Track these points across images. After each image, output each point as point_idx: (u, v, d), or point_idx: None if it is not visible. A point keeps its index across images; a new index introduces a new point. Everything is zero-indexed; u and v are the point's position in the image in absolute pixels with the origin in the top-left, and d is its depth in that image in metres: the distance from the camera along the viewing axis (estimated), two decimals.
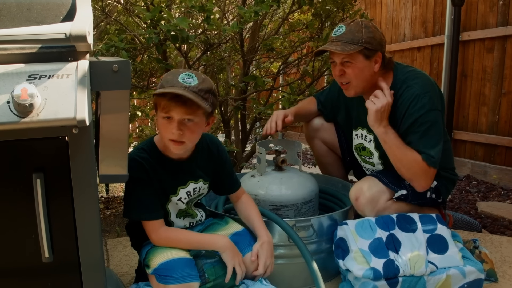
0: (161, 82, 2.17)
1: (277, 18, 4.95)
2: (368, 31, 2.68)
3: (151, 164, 2.26)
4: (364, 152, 3.07)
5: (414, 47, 6.45)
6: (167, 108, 2.10)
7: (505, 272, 2.82)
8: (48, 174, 1.55)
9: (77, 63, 1.48)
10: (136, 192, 2.24)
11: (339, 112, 3.27)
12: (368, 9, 7.37)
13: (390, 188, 2.77)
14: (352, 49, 2.64)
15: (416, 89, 2.71)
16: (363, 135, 3.04)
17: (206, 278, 2.31)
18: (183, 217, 2.48)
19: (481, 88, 5.39)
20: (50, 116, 1.38)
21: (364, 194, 2.76)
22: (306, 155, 7.36)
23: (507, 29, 4.96)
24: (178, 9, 4.33)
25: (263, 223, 2.47)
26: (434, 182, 2.86)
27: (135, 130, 5.69)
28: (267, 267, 2.35)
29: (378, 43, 2.71)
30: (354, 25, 2.71)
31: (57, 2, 1.61)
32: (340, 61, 2.73)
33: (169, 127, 2.13)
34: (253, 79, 3.89)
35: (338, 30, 2.74)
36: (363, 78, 2.75)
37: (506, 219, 3.94)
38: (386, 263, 2.40)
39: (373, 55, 2.71)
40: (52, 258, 1.61)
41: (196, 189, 2.44)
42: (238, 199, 2.58)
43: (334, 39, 2.72)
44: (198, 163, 2.41)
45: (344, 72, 2.75)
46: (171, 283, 2.15)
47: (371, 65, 2.73)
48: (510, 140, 5.01)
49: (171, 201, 2.37)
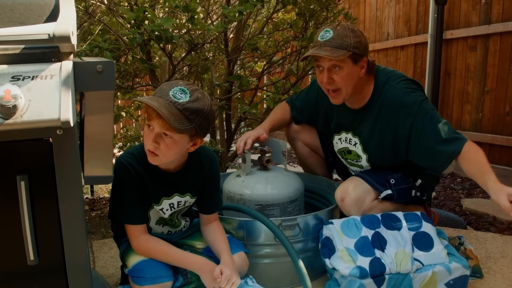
0: (156, 90, 2.13)
1: (261, 17, 4.94)
2: (355, 35, 2.61)
3: (137, 170, 2.23)
4: (350, 155, 3.05)
5: (398, 46, 6.48)
6: (149, 117, 2.06)
7: (490, 268, 2.84)
8: (33, 176, 1.54)
9: (61, 63, 1.48)
10: (121, 196, 2.23)
11: (317, 117, 3.19)
12: (352, 8, 7.40)
13: (376, 188, 2.77)
14: (342, 54, 2.56)
15: (398, 89, 2.71)
16: (347, 139, 3.01)
17: (189, 278, 2.31)
18: (163, 225, 2.47)
19: (465, 86, 5.42)
20: (34, 117, 1.38)
21: (349, 195, 2.76)
22: (291, 155, 7.36)
23: (489, 27, 5.00)
24: (162, 9, 4.31)
25: (228, 248, 2.38)
26: (419, 180, 2.88)
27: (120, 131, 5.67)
28: (231, 283, 2.24)
29: (364, 47, 2.65)
30: (342, 29, 2.62)
31: (40, 3, 1.60)
32: (327, 67, 2.64)
33: (149, 136, 2.09)
34: (237, 79, 3.88)
35: (325, 35, 2.64)
36: (352, 84, 2.69)
37: (490, 215, 3.97)
38: (372, 261, 2.40)
39: (360, 60, 2.65)
40: (37, 261, 1.61)
41: (181, 202, 2.42)
42: (209, 222, 2.50)
43: (322, 43, 2.62)
44: (187, 177, 2.37)
45: (333, 80, 2.67)
46: (144, 284, 2.16)
47: (358, 70, 2.67)
48: (494, 137, 5.05)
49: (153, 208, 2.36)
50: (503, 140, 4.96)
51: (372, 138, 2.83)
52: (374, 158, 2.90)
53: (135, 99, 2.28)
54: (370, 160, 2.93)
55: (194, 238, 2.57)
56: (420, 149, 2.67)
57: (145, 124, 2.13)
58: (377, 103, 2.76)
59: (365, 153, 2.93)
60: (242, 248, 2.48)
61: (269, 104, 3.92)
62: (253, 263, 2.57)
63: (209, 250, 2.44)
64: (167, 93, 2.03)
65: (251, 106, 4.16)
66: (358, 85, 2.74)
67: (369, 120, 2.82)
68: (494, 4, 4.98)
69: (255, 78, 4.68)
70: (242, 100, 4.91)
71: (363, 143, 2.90)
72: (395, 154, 2.80)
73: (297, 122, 3.35)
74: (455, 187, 4.97)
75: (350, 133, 2.97)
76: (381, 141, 2.80)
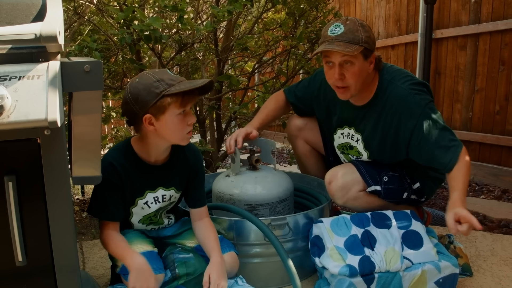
0: (139, 88, 2.13)
1: (251, 17, 4.94)
2: (365, 30, 2.58)
3: (122, 164, 2.26)
4: (351, 151, 3.02)
5: (388, 45, 6.48)
6: (184, 103, 2.14)
7: (479, 266, 2.85)
8: (21, 177, 1.53)
9: (48, 63, 1.47)
10: (102, 191, 2.26)
11: (318, 109, 3.15)
12: (342, 8, 7.40)
13: (365, 180, 2.78)
14: (356, 49, 2.52)
15: (403, 89, 2.68)
16: (349, 134, 2.98)
17: (176, 273, 2.31)
18: (147, 224, 2.49)
19: (455, 85, 5.44)
20: (21, 117, 1.37)
21: (337, 179, 2.78)
22: (281, 154, 7.37)
23: (479, 26, 5.01)
24: (151, 9, 4.31)
25: (219, 246, 2.39)
26: (417, 183, 2.87)
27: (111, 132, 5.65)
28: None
29: (373, 42, 2.62)
30: (352, 24, 2.58)
31: (27, 2, 1.59)
32: (339, 62, 2.59)
33: (185, 120, 2.18)
34: (227, 79, 3.88)
35: (336, 29, 2.58)
36: (361, 80, 2.66)
37: (480, 214, 3.98)
38: (362, 260, 2.41)
39: (370, 55, 2.62)
40: (26, 262, 1.60)
41: (166, 196, 2.43)
42: (200, 218, 2.51)
43: (334, 38, 2.56)
44: (172, 170, 2.40)
45: (344, 76, 2.62)
46: None
47: (367, 66, 2.64)
48: (484, 136, 5.06)
49: (137, 204, 2.37)
50: (493, 139, 4.97)
51: (374, 137, 2.82)
52: (375, 156, 2.89)
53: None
54: (371, 157, 2.92)
55: (185, 237, 2.58)
56: (420, 152, 2.66)
57: (173, 116, 2.17)
58: (381, 101, 2.75)
59: (366, 151, 2.92)
60: (232, 248, 2.49)
61: (259, 103, 3.92)
62: (243, 262, 2.57)
63: (201, 249, 2.45)
64: (163, 79, 2.12)
65: (241, 106, 4.16)
66: (367, 80, 2.72)
67: (371, 118, 2.80)
68: (484, 4, 4.99)
69: (245, 78, 4.69)
70: (232, 100, 4.91)
71: (364, 141, 2.89)
72: (396, 153, 2.79)
73: (296, 110, 3.32)
74: (445, 185, 4.97)
75: (352, 128, 2.95)
76: (382, 141, 2.79)
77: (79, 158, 1.72)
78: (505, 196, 4.59)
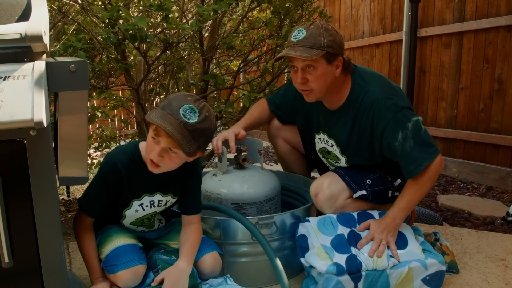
0: (164, 103, 2.13)
1: (237, 16, 4.93)
2: (329, 34, 2.56)
3: (127, 167, 2.27)
4: (329, 156, 3.03)
5: (373, 44, 6.51)
6: (157, 133, 2.09)
7: (465, 263, 2.87)
8: (6, 177, 1.52)
9: (33, 63, 1.46)
10: (95, 186, 2.28)
11: (297, 115, 3.16)
12: (327, 6, 7.42)
13: (350, 187, 2.76)
14: (315, 54, 2.52)
15: (376, 94, 2.66)
16: (325, 140, 2.99)
17: (159, 273, 2.31)
18: (137, 226, 2.50)
19: (439, 83, 5.47)
20: (6, 118, 1.36)
21: (323, 191, 2.76)
22: (267, 153, 7.38)
23: (463, 25, 5.05)
24: (136, 8, 4.29)
25: (194, 252, 2.38)
26: (398, 180, 2.88)
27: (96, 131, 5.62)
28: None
29: (338, 46, 2.60)
30: (315, 29, 2.57)
31: (11, 2, 1.58)
32: (301, 67, 2.60)
33: (154, 147, 2.13)
34: (213, 78, 3.88)
35: (298, 34, 2.59)
36: (325, 84, 2.64)
37: (466, 211, 4.01)
38: (349, 258, 2.41)
39: (334, 59, 2.60)
40: (12, 263, 1.59)
41: (162, 202, 2.44)
42: (189, 223, 2.48)
43: (295, 43, 2.57)
44: (173, 177, 2.39)
45: (307, 80, 2.62)
46: (117, 270, 2.20)
47: (333, 69, 2.62)
48: (468, 134, 5.10)
49: (132, 206, 2.38)
50: (478, 137, 5.01)
51: (350, 142, 2.81)
52: (353, 160, 2.88)
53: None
54: (349, 162, 2.91)
55: (169, 237, 2.58)
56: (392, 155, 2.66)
57: (150, 135, 2.15)
58: (354, 106, 2.73)
59: (343, 155, 2.91)
60: (215, 248, 2.48)
61: (245, 102, 3.92)
62: (230, 262, 2.57)
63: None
64: (177, 111, 2.05)
65: (227, 105, 4.16)
66: (335, 85, 2.70)
67: (345, 123, 2.79)
68: (468, 2, 5.03)
69: (230, 77, 4.68)
70: (218, 99, 4.90)
71: (340, 146, 2.88)
72: (373, 157, 2.79)
73: (279, 118, 3.31)
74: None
75: (326, 134, 2.95)
76: (359, 145, 2.78)
77: (66, 159, 1.71)
78: (490, 193, 4.62)
